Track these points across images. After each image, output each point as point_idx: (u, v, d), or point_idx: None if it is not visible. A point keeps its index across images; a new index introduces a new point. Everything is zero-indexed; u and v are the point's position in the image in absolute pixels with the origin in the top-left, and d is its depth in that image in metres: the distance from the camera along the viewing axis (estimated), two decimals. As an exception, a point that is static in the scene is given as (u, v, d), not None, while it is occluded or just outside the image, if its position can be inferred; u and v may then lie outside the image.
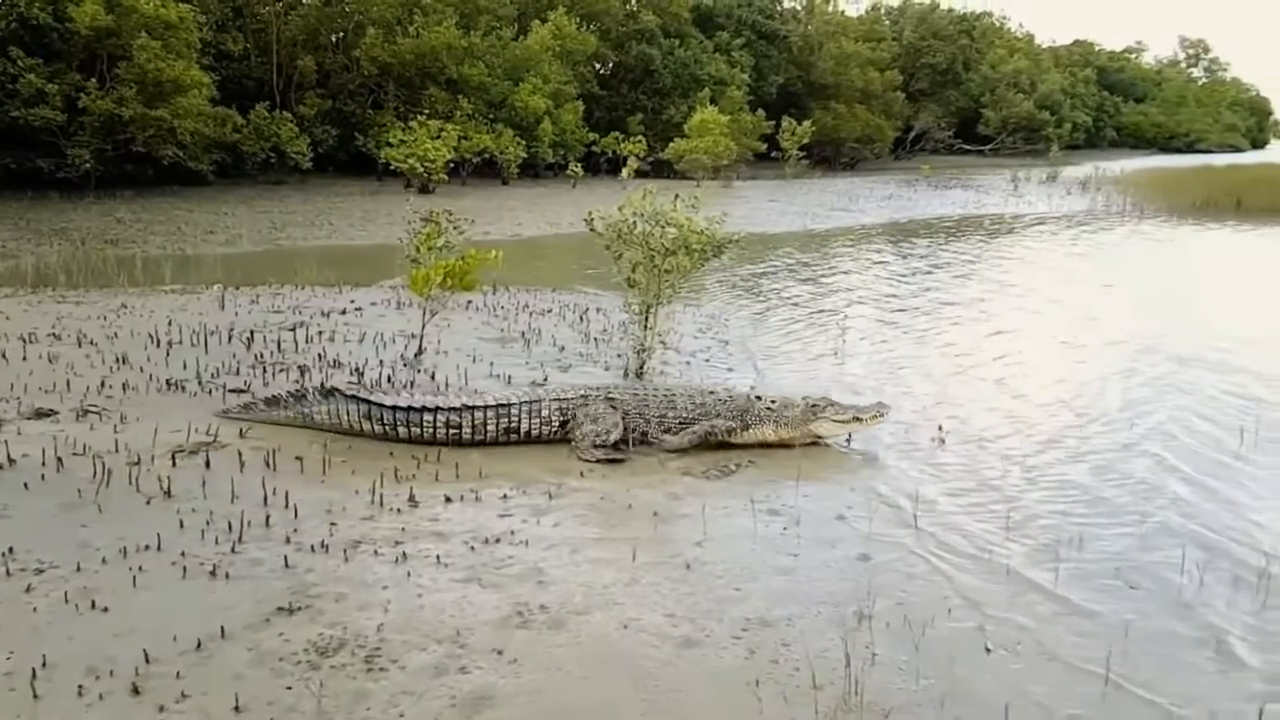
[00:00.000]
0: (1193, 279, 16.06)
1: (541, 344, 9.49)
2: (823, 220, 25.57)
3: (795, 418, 6.76)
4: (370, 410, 6.37)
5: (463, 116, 31.64)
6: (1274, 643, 4.27)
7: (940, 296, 13.80)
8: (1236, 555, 5.13)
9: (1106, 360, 9.83)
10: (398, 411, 6.34)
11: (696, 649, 4.16)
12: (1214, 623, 4.43)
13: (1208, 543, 5.29)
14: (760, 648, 4.19)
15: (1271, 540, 5.29)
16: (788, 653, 4.15)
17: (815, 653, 4.14)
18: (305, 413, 6.53)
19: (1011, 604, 4.61)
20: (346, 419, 6.43)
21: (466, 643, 4.11)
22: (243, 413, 6.71)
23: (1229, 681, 3.98)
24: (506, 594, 4.54)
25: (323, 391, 6.54)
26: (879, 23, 63.66)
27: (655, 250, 8.24)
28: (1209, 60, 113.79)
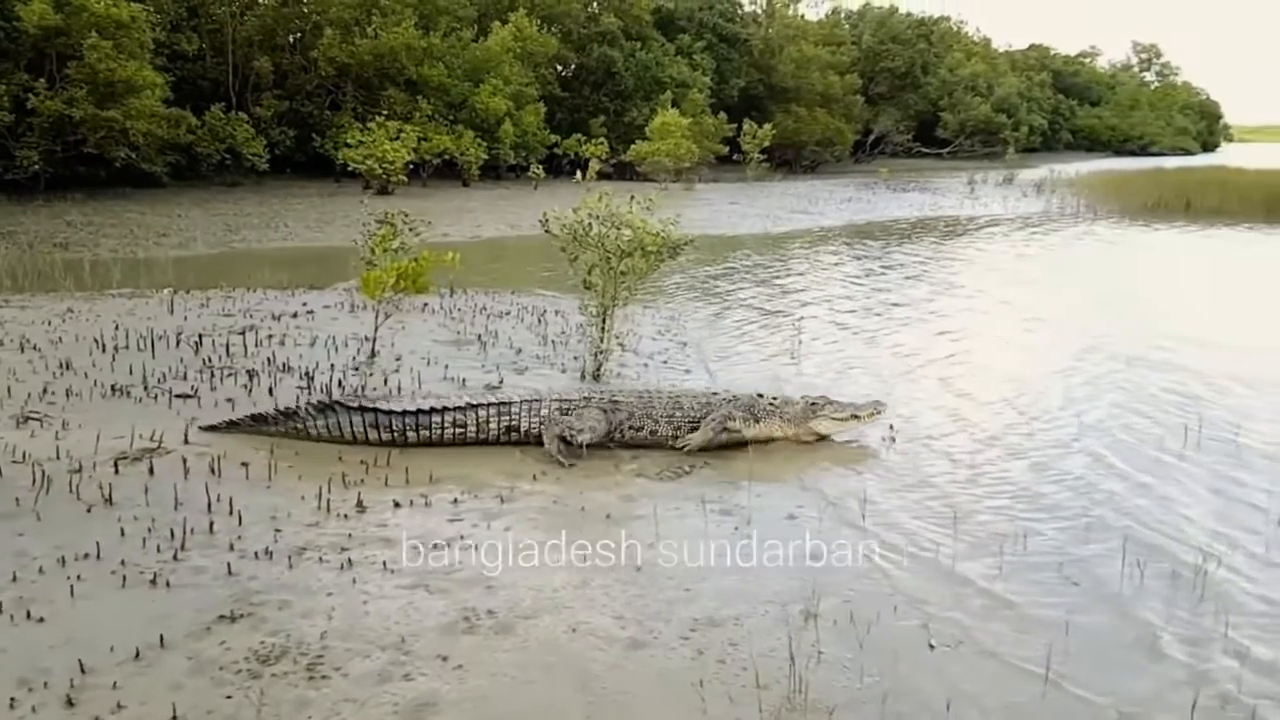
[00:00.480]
0: (1140, 280, 16.37)
1: (498, 346, 9.44)
2: (783, 223, 25.70)
3: (797, 415, 6.95)
4: (379, 419, 6.33)
5: (422, 118, 31.40)
6: (1208, 639, 4.36)
7: (892, 298, 13.93)
8: (1174, 553, 5.23)
9: (1052, 360, 9.99)
10: (407, 416, 6.35)
11: (644, 650, 4.16)
12: (1151, 620, 4.52)
13: (1147, 541, 5.39)
14: (708, 648, 4.21)
15: (1207, 538, 5.40)
16: (735, 652, 4.17)
17: (762, 652, 4.16)
18: (297, 428, 6.39)
19: (955, 602, 4.66)
20: (350, 430, 6.35)
21: (411, 649, 4.08)
22: (228, 429, 6.50)
23: (1163, 678, 4.05)
24: (453, 599, 4.51)
25: (318, 406, 6.43)
26: (839, 27, 64.12)
27: (611, 252, 8.24)
28: (1161, 65, 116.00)
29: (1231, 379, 8.86)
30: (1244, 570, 5.03)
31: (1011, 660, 4.14)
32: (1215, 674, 4.04)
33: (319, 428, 6.37)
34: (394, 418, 6.34)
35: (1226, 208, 26.13)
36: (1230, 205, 26.24)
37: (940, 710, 3.79)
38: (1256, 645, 4.25)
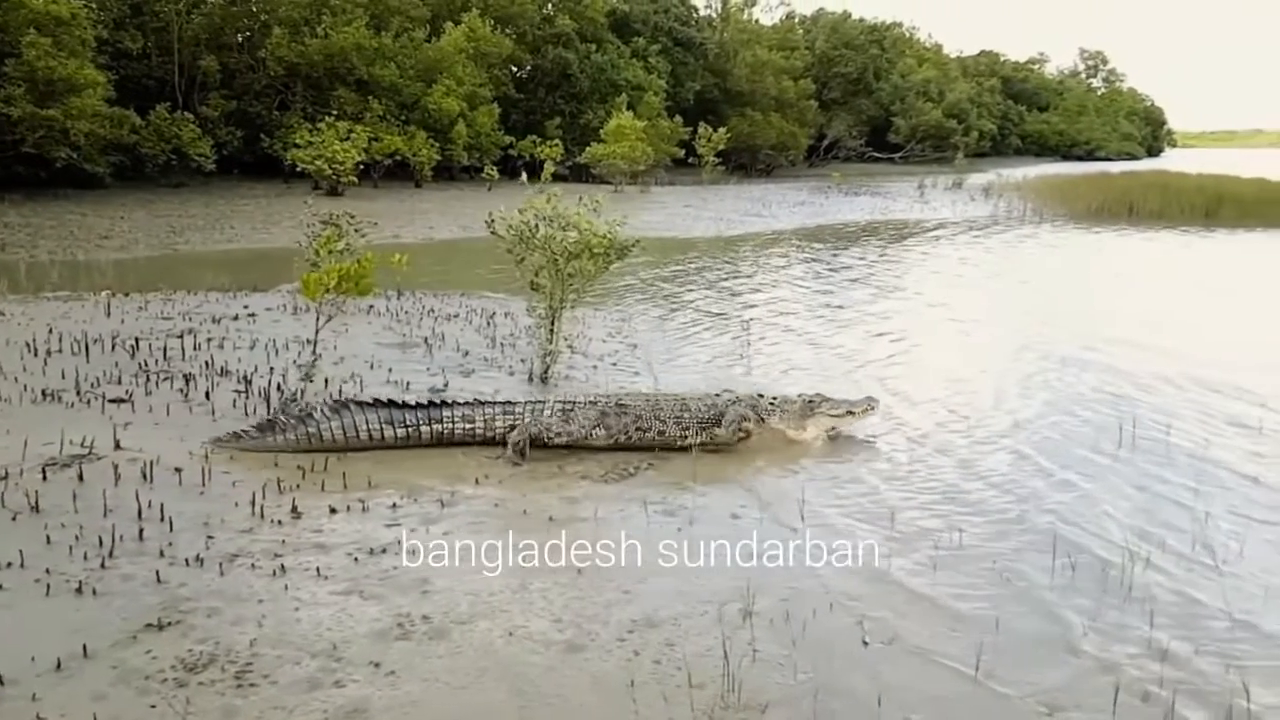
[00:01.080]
0: (1079, 282, 16.64)
1: (445, 349, 9.36)
2: (736, 226, 25.85)
3: (795, 412, 7.15)
4: (393, 415, 6.40)
5: (373, 118, 31.08)
6: (1131, 636, 4.44)
7: (836, 300, 14.07)
8: (1103, 551, 5.32)
9: (989, 361, 10.15)
10: (419, 410, 6.46)
11: (580, 653, 4.15)
12: (1078, 618, 4.59)
13: (1077, 539, 5.49)
14: (645, 649, 4.21)
15: (1136, 536, 5.51)
16: (671, 653, 4.17)
17: (698, 652, 4.18)
18: (312, 433, 6.29)
19: (888, 600, 4.72)
20: (366, 429, 6.35)
21: (343, 655, 4.03)
22: (234, 441, 6.30)
23: (1087, 674, 4.12)
24: (388, 605, 4.46)
25: (333, 406, 6.39)
26: (792, 32, 64.68)
27: (557, 254, 8.21)
28: (1107, 71, 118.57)
29: (1163, 380, 9.08)
30: (1170, 568, 5.14)
31: (942, 656, 4.19)
32: (1137, 670, 4.12)
33: (333, 430, 6.29)
34: (408, 412, 6.44)
35: (1168, 211, 26.78)
36: (1171, 209, 26.89)
37: (871, 705, 3.83)
38: (1177, 641, 4.35)
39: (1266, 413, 7.92)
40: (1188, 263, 19.54)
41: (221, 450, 6.23)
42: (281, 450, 6.24)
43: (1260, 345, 10.78)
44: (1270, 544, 5.43)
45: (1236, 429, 7.57)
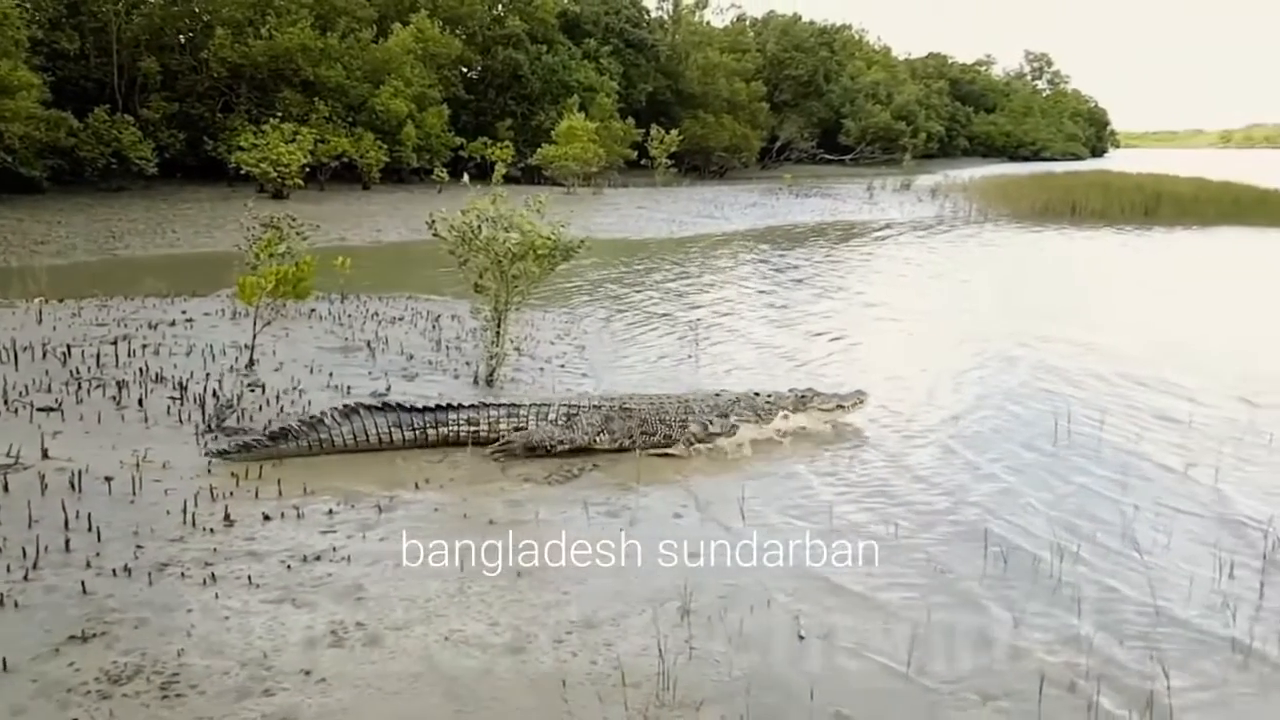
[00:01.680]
0: (1019, 281, 16.90)
1: (388, 353, 9.26)
2: (688, 227, 25.94)
3: (790, 409, 7.33)
4: (401, 418, 6.51)
5: (320, 119, 30.67)
6: (1059, 630, 4.51)
7: (780, 300, 14.17)
8: (1035, 546, 5.40)
9: (929, 359, 10.27)
10: (428, 414, 6.57)
11: (517, 656, 4.13)
12: (1007, 612, 4.67)
13: (1010, 534, 5.57)
14: (582, 649, 4.20)
15: (1067, 531, 5.60)
16: (608, 652, 4.17)
17: (635, 651, 4.18)
18: (323, 439, 6.36)
19: (825, 596, 4.76)
20: (375, 433, 6.46)
21: (273, 664, 3.96)
22: (244, 453, 6.22)
23: (1014, 667, 4.19)
24: (321, 613, 4.40)
25: (343, 412, 6.45)
26: (744, 34, 65.06)
27: (501, 255, 8.17)
28: (1052, 73, 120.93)
29: (1096, 376, 9.27)
30: (1097, 561, 5.24)
31: (875, 650, 4.24)
32: (1063, 660, 4.20)
33: (343, 434, 6.38)
34: (415, 415, 6.55)
35: (1109, 210, 27.39)
36: (1112, 208, 27.52)
37: (804, 699, 3.85)
38: (1102, 632, 4.44)
39: (1195, 407, 8.13)
40: (1125, 261, 19.99)
41: (229, 462, 6.14)
42: (294, 456, 6.29)
43: (1189, 341, 11.03)
44: (1193, 536, 5.56)
45: (1166, 424, 7.76)
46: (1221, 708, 3.94)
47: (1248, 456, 6.90)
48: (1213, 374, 9.24)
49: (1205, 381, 8.97)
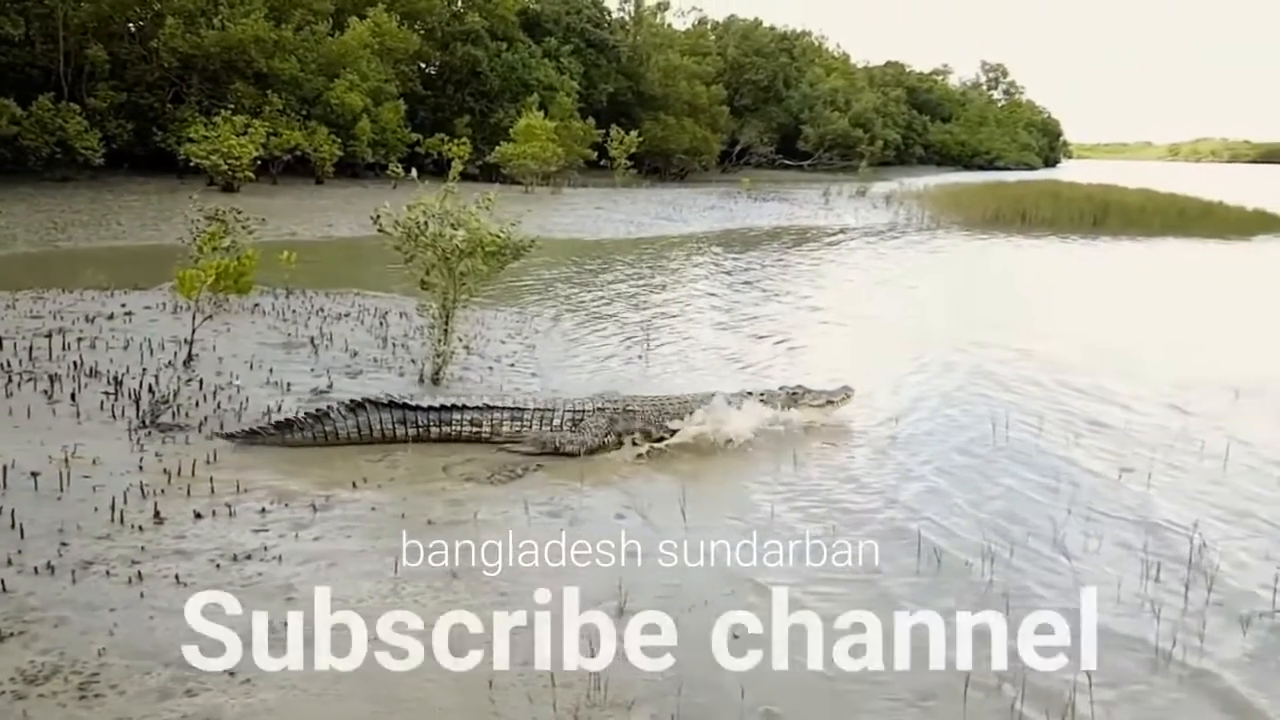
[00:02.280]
0: (965, 288, 17.00)
1: (332, 349, 9.13)
2: (646, 229, 25.96)
3: (783, 404, 7.57)
4: (405, 415, 6.66)
5: (273, 112, 30.17)
6: (986, 628, 4.55)
7: (732, 303, 14.19)
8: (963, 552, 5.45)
9: (872, 364, 10.31)
10: (431, 412, 6.72)
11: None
12: (940, 613, 4.70)
13: (942, 539, 5.62)
14: (515, 650, 4.16)
15: (998, 537, 5.66)
16: (542, 653, 4.13)
17: (570, 651, 4.14)
18: (329, 431, 6.53)
19: (762, 596, 4.77)
20: (380, 427, 6.62)
21: (197, 664, 3.88)
22: (250, 439, 6.44)
23: (943, 668, 4.23)
24: (249, 612, 4.31)
25: (349, 406, 6.62)
26: (705, 37, 65.21)
27: (448, 252, 8.10)
28: (1007, 84, 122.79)
29: (1033, 382, 9.36)
30: (1026, 566, 5.29)
31: (806, 650, 4.26)
32: (988, 664, 4.24)
33: (349, 428, 6.55)
34: (419, 413, 6.71)
35: (1058, 220, 27.88)
36: (1061, 217, 28.02)
37: (735, 698, 3.87)
38: (1025, 635, 4.47)
39: (1130, 414, 8.29)
40: (1070, 269, 20.29)
41: (237, 449, 6.33)
42: (299, 446, 6.43)
43: (1126, 349, 11.17)
44: (1120, 541, 5.65)
45: (1100, 430, 7.88)
46: (1139, 708, 4.01)
47: (1178, 463, 7.05)
48: (1148, 381, 9.42)
49: (1140, 389, 9.14)
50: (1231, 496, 6.37)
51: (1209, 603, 4.86)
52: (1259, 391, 9.04)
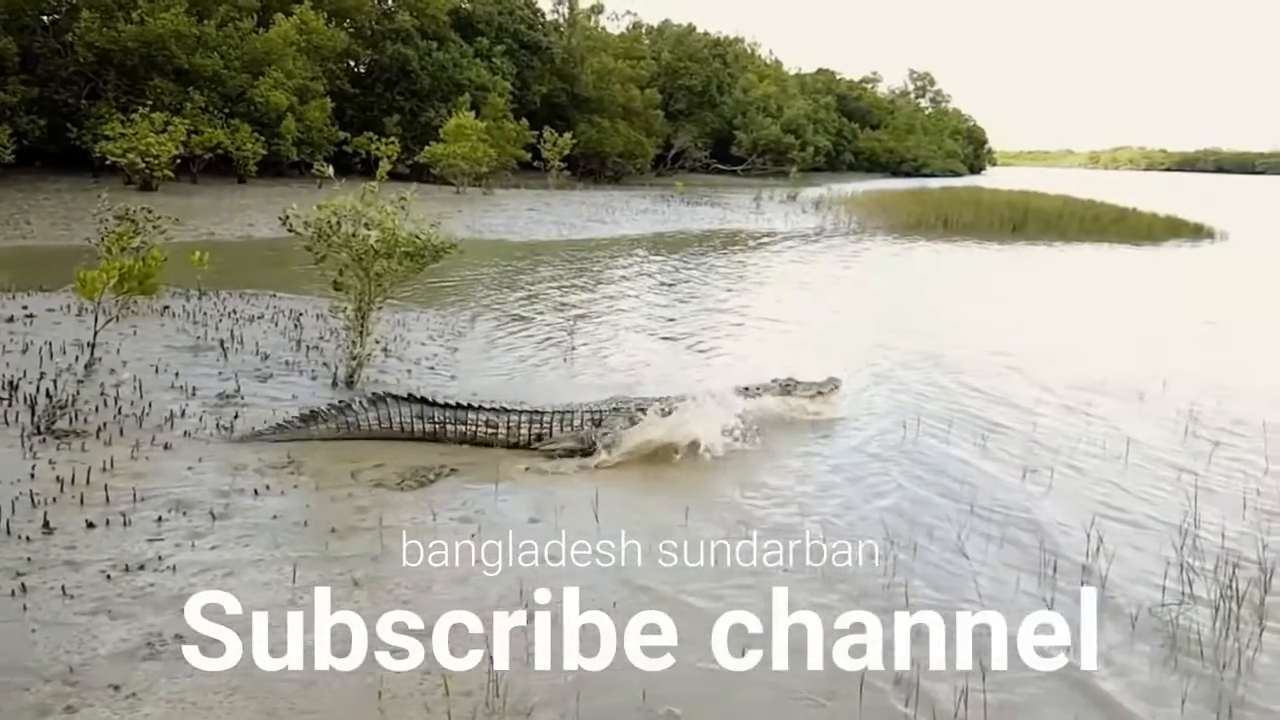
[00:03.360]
0: (886, 291, 17.12)
1: (243, 352, 8.91)
2: (578, 231, 25.92)
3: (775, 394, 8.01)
4: (423, 411, 6.84)
5: (194, 110, 29.35)
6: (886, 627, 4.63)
7: (655, 304, 14.24)
8: (864, 554, 5.51)
9: (786, 368, 10.44)
10: (449, 410, 6.86)
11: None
12: (830, 616, 4.74)
13: (843, 542, 5.62)
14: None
15: (901, 537, 5.76)
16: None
17: (471, 658, 4.10)
18: (350, 423, 6.75)
19: (672, 597, 4.78)
20: (398, 422, 6.80)
21: (80, 679, 3.76)
22: (276, 433, 6.67)
23: (845, 664, 4.29)
24: (138, 624, 4.19)
25: (370, 399, 6.85)
26: (639, 41, 65.39)
27: (361, 253, 7.96)
28: (934, 92, 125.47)
29: (940, 387, 9.49)
30: (925, 569, 5.37)
31: (707, 651, 4.28)
32: (884, 665, 4.30)
33: (370, 420, 6.75)
34: (436, 410, 6.85)
35: (979, 225, 28.61)
36: (982, 223, 28.75)
37: (636, 700, 3.87)
38: (921, 636, 4.56)
39: (1035, 416, 8.48)
40: (986, 274, 20.64)
41: (262, 443, 6.52)
42: (323, 439, 6.66)
43: (1035, 352, 11.42)
44: (1014, 542, 5.78)
45: (1003, 431, 8.05)
46: (1031, 711, 4.11)
47: (1079, 463, 7.25)
48: (1054, 383, 9.68)
49: (1046, 391, 9.37)
50: (1127, 497, 6.56)
51: (1101, 600, 4.99)
52: (1157, 397, 9.37)
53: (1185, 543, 5.54)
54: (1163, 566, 5.30)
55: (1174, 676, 4.31)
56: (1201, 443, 7.79)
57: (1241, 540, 5.73)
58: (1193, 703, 4.11)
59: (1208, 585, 5.03)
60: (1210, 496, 6.56)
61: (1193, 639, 4.59)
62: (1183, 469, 7.03)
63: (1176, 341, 12.60)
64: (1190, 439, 7.91)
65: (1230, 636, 4.59)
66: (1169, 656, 4.46)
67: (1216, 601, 4.85)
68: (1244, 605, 4.83)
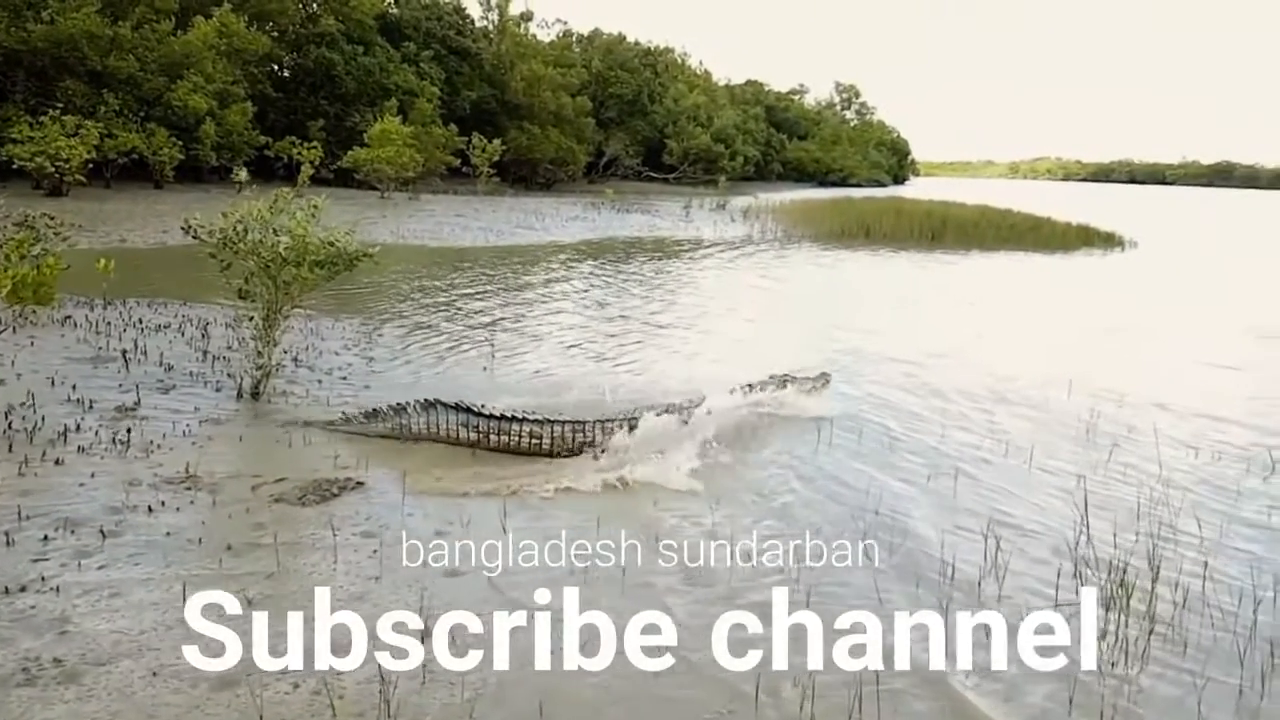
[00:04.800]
0: (803, 299, 17.21)
1: (146, 363, 8.64)
2: (506, 237, 25.76)
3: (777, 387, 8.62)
4: (469, 419, 7.06)
5: (109, 113, 28.48)
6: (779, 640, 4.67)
7: (577, 311, 14.20)
8: (772, 559, 5.55)
9: (697, 372, 10.51)
10: (493, 420, 7.05)
11: (231, 690, 3.91)
12: (749, 611, 4.80)
13: (758, 544, 5.71)
14: (306, 679, 4.02)
15: (816, 541, 5.81)
16: (336, 682, 4.02)
17: (367, 678, 4.04)
18: (403, 424, 7.09)
19: (576, 609, 4.74)
20: (446, 427, 7.06)
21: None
22: (343, 424, 7.21)
23: (756, 669, 4.32)
24: (14, 648, 4.02)
25: (422, 404, 7.13)
26: (569, 49, 65.45)
27: (269, 260, 7.80)
28: (859, 104, 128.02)
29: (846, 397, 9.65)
30: (825, 573, 5.43)
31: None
32: (781, 666, 4.36)
33: (420, 424, 7.07)
34: (482, 420, 7.07)
35: (899, 234, 29.24)
36: (902, 232, 29.40)
37: (533, 715, 3.84)
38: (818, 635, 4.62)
39: (944, 421, 8.71)
40: (902, 283, 20.87)
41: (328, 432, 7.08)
42: (379, 436, 7.07)
43: (948, 358, 11.70)
44: (915, 545, 5.90)
45: (910, 437, 8.21)
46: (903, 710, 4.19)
47: (981, 467, 7.43)
48: (964, 388, 9.91)
49: (956, 396, 9.61)
50: (1023, 503, 6.73)
51: (998, 600, 5.12)
52: (1060, 402, 9.67)
53: (1076, 549, 5.70)
54: (1053, 574, 5.44)
55: (1052, 685, 4.42)
56: (1099, 449, 8.05)
57: (1132, 549, 5.92)
58: (1077, 711, 4.23)
59: (1096, 591, 5.18)
60: (1103, 501, 6.77)
61: (1076, 646, 4.72)
62: (1079, 474, 7.24)
63: (1080, 348, 13.01)
64: (1088, 444, 8.17)
65: (1115, 644, 4.73)
66: (1052, 664, 4.57)
67: (1103, 607, 5.00)
68: (1130, 612, 4.99)
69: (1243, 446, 8.22)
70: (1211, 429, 8.78)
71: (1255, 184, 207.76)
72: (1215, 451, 8.05)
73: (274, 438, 7.04)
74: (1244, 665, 4.54)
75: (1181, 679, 4.43)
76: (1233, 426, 8.91)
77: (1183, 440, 8.36)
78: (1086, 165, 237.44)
